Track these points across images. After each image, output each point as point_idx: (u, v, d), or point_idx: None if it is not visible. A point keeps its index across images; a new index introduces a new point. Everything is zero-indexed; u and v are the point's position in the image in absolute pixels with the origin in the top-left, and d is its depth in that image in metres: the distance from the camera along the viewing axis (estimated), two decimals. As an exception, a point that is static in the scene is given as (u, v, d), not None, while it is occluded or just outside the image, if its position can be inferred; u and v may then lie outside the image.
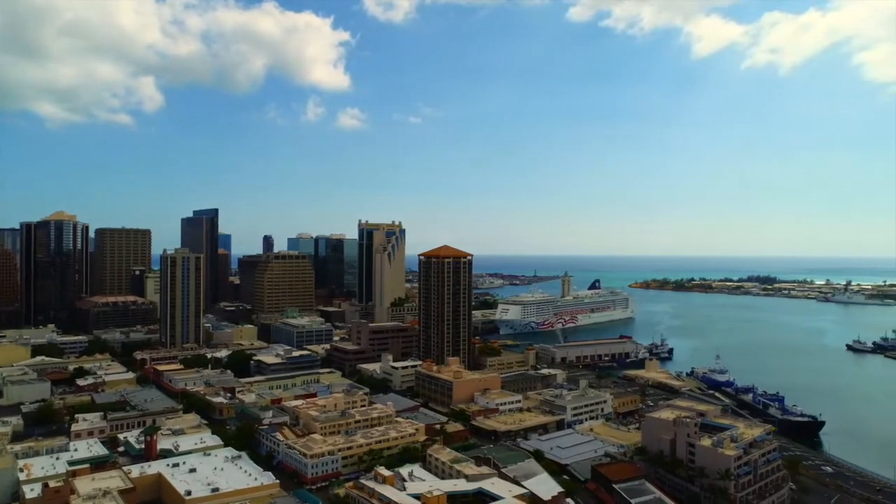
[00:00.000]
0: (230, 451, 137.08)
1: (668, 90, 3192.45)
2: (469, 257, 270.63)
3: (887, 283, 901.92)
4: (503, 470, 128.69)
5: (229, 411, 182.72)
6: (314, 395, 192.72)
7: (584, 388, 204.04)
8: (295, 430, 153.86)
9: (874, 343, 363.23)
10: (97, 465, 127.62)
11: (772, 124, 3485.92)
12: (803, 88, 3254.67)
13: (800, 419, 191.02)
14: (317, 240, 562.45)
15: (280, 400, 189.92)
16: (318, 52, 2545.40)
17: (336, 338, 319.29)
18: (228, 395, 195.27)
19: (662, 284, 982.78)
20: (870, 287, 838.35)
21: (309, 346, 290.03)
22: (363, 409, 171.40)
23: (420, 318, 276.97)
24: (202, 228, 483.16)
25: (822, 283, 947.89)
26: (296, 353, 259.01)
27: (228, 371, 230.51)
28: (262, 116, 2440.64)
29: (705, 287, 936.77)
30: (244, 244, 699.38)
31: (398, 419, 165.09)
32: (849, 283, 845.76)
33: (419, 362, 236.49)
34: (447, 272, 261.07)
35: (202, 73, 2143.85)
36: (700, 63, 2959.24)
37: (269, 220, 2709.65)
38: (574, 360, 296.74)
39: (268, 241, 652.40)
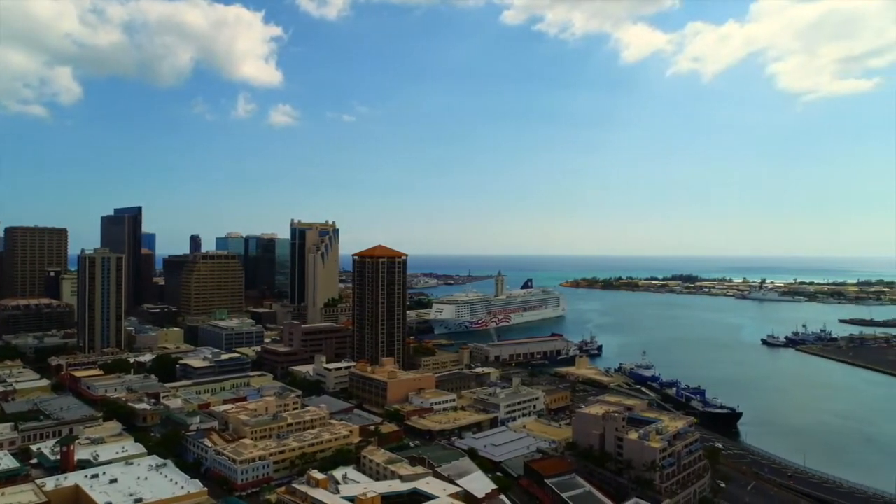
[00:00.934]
0: (155, 460, 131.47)
1: (598, 94, 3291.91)
2: (404, 257, 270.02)
3: (798, 280, 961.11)
4: (438, 469, 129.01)
5: (154, 418, 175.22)
6: (244, 399, 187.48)
7: (517, 385, 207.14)
8: (224, 436, 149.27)
9: (786, 338, 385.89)
10: (7, 478, 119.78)
11: (695, 129, 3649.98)
12: (723, 96, 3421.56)
13: (719, 411, 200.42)
14: (247, 239, 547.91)
15: (208, 405, 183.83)
16: (249, 46, 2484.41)
17: (267, 340, 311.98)
18: (153, 400, 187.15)
19: (592, 283, 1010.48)
20: (782, 285, 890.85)
21: (239, 349, 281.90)
22: (295, 412, 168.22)
23: (354, 319, 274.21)
24: (124, 227, 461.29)
25: (740, 281, 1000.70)
26: (225, 356, 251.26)
27: (153, 376, 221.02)
28: (189, 111, 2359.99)
29: (632, 286, 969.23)
30: (170, 244, 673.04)
31: (332, 421, 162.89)
32: (763, 282, 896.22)
33: (353, 363, 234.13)
34: (382, 272, 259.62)
35: (124, 65, 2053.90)
36: (628, 69, 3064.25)
37: (196, 219, 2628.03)
38: (507, 358, 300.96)
39: (195, 241, 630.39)
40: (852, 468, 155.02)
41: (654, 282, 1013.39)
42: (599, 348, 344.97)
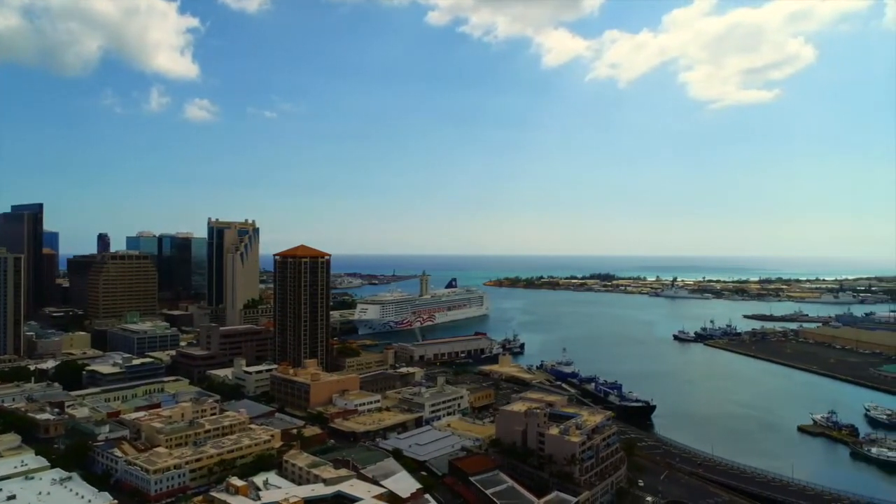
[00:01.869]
0: (59, 473, 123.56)
1: (520, 97, 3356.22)
2: (327, 257, 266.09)
3: (706, 279, 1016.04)
4: (362, 471, 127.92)
5: (57, 429, 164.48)
6: (158, 406, 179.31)
7: (441, 385, 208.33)
8: (136, 445, 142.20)
9: (695, 333, 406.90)
10: None
11: (612, 133, 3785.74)
12: (638, 101, 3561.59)
13: (635, 404, 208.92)
14: (161, 238, 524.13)
15: (118, 413, 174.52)
16: (163, 37, 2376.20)
17: (183, 343, 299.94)
18: (56, 410, 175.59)
19: (514, 282, 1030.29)
20: (692, 283, 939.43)
21: (152, 353, 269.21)
22: (213, 417, 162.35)
23: (275, 320, 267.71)
24: (23, 226, 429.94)
25: (653, 279, 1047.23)
26: (136, 362, 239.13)
27: (56, 384, 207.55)
28: (97, 103, 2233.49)
29: (553, 284, 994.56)
30: (75, 243, 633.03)
31: (252, 426, 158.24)
32: (675, 280, 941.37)
33: (275, 366, 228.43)
34: (304, 272, 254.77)
35: (23, 51, 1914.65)
36: (549, 73, 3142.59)
37: (105, 217, 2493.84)
38: (432, 357, 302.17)
39: (103, 240, 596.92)
40: (754, 454, 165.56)
41: (573, 280, 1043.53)
42: (522, 346, 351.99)
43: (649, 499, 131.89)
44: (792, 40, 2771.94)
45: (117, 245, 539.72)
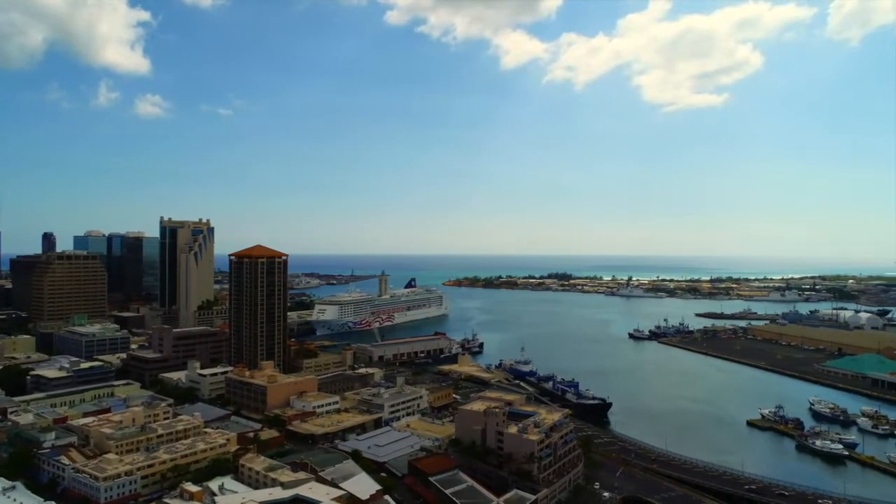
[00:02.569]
0: (1, 483, 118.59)
1: (479, 97, 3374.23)
2: (284, 257, 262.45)
3: (660, 278, 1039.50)
4: (321, 473, 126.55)
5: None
6: (108, 411, 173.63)
7: (400, 385, 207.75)
8: (84, 452, 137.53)
9: (650, 331, 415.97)
10: None
11: (569, 134, 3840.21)
12: (594, 104, 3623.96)
13: (591, 402, 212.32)
14: (110, 238, 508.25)
15: (65, 419, 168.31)
16: (112, 30, 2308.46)
17: (134, 346, 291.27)
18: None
19: (473, 282, 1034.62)
20: (647, 282, 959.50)
21: (101, 357, 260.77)
22: (167, 421, 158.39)
23: (231, 322, 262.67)
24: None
25: (609, 279, 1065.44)
26: (85, 365, 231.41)
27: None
28: (42, 97, 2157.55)
29: (512, 284, 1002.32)
30: (18, 243, 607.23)
31: (207, 430, 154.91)
32: (630, 279, 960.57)
33: (230, 368, 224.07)
34: (261, 273, 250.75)
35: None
36: (507, 74, 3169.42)
37: (50, 215, 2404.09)
38: (391, 358, 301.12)
39: (48, 240, 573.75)
40: (706, 448, 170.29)
41: (532, 280, 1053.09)
42: (481, 346, 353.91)
43: (606, 494, 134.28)
44: (741, 47, 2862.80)
45: (64, 245, 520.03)
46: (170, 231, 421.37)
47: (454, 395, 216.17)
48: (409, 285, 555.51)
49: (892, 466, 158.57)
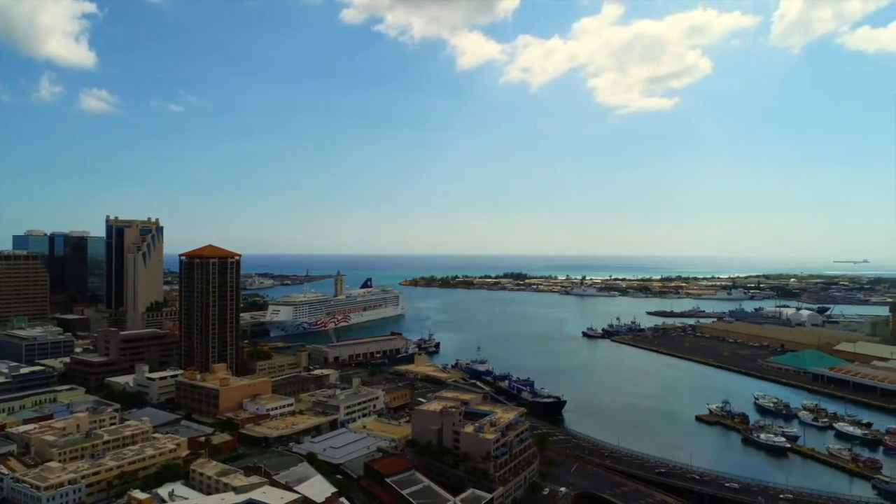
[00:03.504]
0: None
1: (436, 98, 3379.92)
2: (237, 257, 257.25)
3: (613, 277, 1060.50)
4: (275, 477, 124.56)
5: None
6: (50, 417, 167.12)
7: (356, 386, 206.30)
8: (25, 460, 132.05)
9: (603, 329, 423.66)
10: None
11: (524, 135, 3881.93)
12: (549, 106, 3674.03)
13: (546, 400, 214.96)
14: (52, 237, 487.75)
15: (4, 426, 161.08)
16: (55, 22, 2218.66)
17: (78, 349, 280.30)
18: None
19: (430, 282, 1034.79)
20: (600, 281, 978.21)
21: (43, 361, 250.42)
22: (113, 427, 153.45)
23: (181, 324, 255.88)
24: None
25: (563, 278, 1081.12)
26: (25, 370, 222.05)
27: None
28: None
29: (468, 284, 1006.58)
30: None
31: (156, 435, 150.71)
32: (584, 278, 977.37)
33: (180, 371, 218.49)
34: (213, 273, 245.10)
35: None
36: (464, 75, 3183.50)
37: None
38: (347, 358, 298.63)
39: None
40: (657, 443, 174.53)
41: (487, 279, 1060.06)
42: (437, 345, 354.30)
43: (562, 489, 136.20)
44: (690, 52, 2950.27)
45: (2, 245, 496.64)
46: (116, 230, 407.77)
47: (411, 396, 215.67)
48: (365, 285, 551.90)
49: (831, 458, 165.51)
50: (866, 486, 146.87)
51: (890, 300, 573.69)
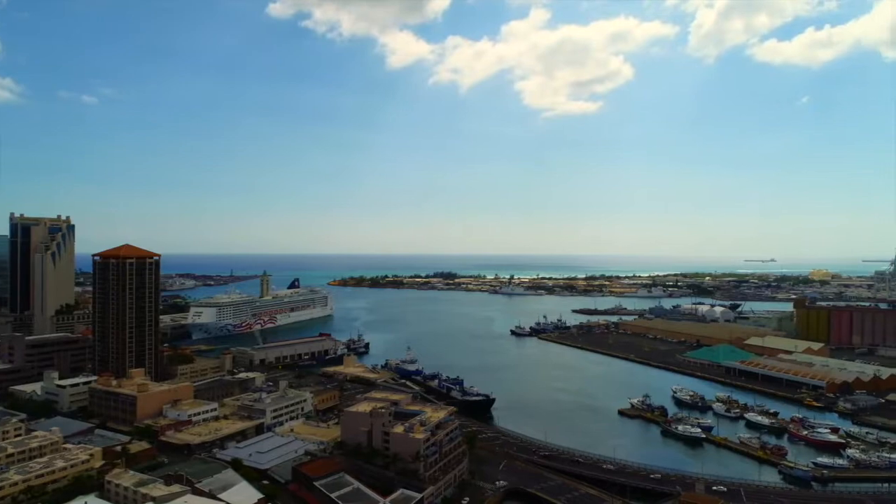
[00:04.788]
0: None
1: (365, 96, 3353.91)
2: (156, 257, 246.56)
3: (540, 276, 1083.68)
4: (197, 485, 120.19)
5: None
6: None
7: (283, 389, 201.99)
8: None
9: (530, 328, 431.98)
10: None
11: (453, 135, 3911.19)
12: (478, 107, 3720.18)
13: (476, 398, 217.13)
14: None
15: None
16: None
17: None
18: None
19: (359, 282, 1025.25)
20: (527, 280, 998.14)
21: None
22: (18, 439, 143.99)
23: (95, 327, 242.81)
24: None
25: (492, 277, 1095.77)
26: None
27: None
28: None
29: (398, 283, 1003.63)
30: None
31: (67, 446, 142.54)
32: (512, 278, 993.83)
33: (94, 377, 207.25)
34: (129, 274, 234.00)
35: None
36: (394, 74, 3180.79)
37: None
38: (274, 361, 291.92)
39: None
40: (582, 438, 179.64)
41: (417, 279, 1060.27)
42: (367, 346, 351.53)
43: (491, 486, 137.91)
44: (613, 58, 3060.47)
45: None
46: (22, 228, 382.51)
47: (339, 397, 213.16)
48: (292, 286, 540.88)
49: (742, 446, 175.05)
50: (773, 471, 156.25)
51: (794, 297, 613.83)
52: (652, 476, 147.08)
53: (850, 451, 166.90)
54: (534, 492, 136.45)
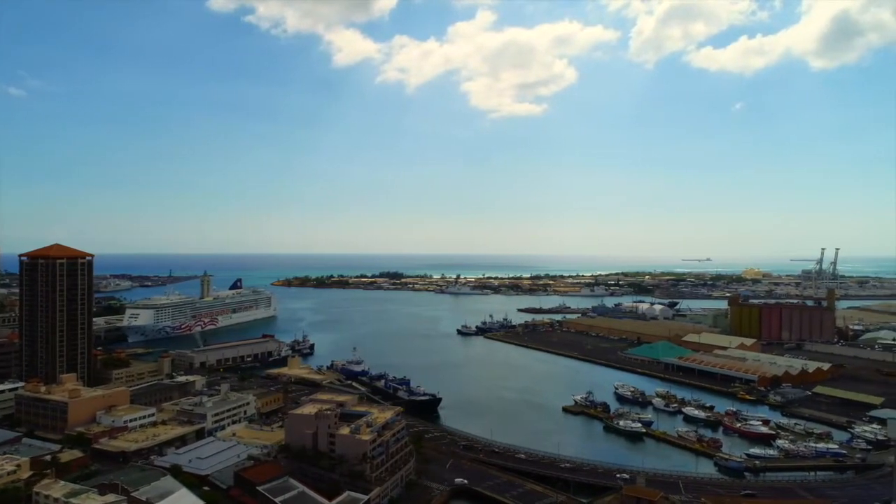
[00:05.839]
0: None
1: (310, 94, 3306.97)
2: (89, 258, 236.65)
3: (486, 275, 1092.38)
4: (133, 494, 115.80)
5: None
6: None
7: (225, 392, 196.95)
8: None
9: (477, 327, 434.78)
10: None
11: (400, 135, 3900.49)
12: (425, 106, 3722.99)
13: (423, 398, 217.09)
14: None
15: None
16: None
17: None
18: None
19: (304, 282, 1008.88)
20: (473, 280, 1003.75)
21: None
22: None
23: (22, 331, 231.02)
24: None
25: (439, 277, 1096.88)
26: None
27: None
28: None
29: (343, 283, 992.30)
30: None
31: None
32: (458, 277, 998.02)
33: (21, 384, 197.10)
34: (60, 275, 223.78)
35: None
36: (340, 72, 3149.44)
37: None
38: (215, 363, 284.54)
39: None
40: (527, 435, 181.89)
41: (363, 279, 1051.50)
42: (312, 347, 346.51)
43: (440, 483, 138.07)
44: (557, 61, 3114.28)
45: None
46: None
47: (284, 400, 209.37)
48: (234, 286, 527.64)
49: (680, 439, 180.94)
50: (709, 463, 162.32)
51: (728, 295, 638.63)
52: (595, 470, 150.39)
53: (779, 442, 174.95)
54: (480, 490, 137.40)
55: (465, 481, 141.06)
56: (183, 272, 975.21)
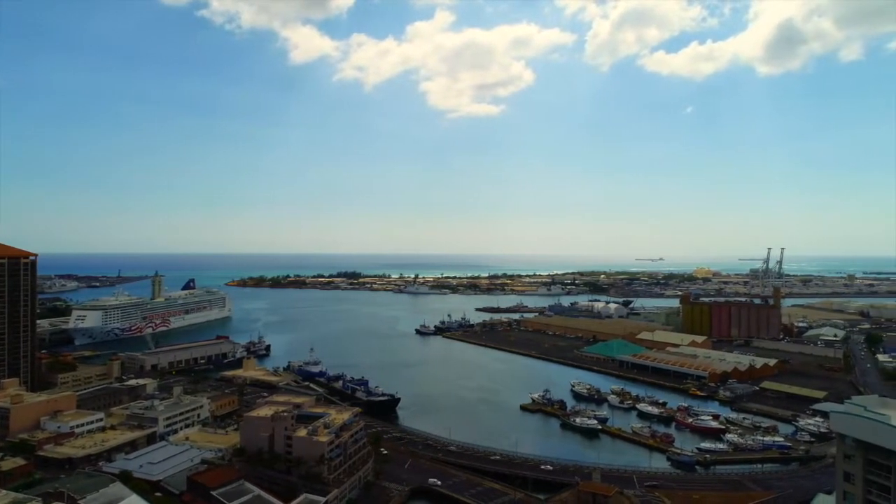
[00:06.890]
0: None
1: (265, 91, 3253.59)
2: (32, 257, 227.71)
3: (444, 275, 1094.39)
4: (81, 501, 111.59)
5: None
6: None
7: (178, 395, 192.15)
8: None
9: (435, 326, 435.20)
10: None
11: (358, 133, 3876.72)
12: (383, 105, 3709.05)
13: (381, 399, 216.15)
14: None
15: None
16: None
17: None
18: None
19: (259, 282, 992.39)
20: (432, 279, 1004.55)
21: None
22: None
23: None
24: None
25: (397, 276, 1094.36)
26: None
27: None
28: None
29: (300, 283, 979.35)
30: None
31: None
32: (416, 277, 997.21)
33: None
34: (0, 276, 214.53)
35: None
36: (296, 69, 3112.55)
37: None
38: (167, 366, 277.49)
39: None
40: (485, 434, 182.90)
41: (320, 279, 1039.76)
42: (268, 348, 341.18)
43: (398, 483, 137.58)
44: (515, 63, 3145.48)
45: None
46: None
47: (239, 402, 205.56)
48: (187, 287, 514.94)
49: (634, 435, 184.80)
50: (662, 458, 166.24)
51: (680, 293, 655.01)
52: (552, 467, 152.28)
53: (729, 436, 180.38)
54: (439, 489, 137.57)
55: (438, 482, 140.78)
56: (133, 272, 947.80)
